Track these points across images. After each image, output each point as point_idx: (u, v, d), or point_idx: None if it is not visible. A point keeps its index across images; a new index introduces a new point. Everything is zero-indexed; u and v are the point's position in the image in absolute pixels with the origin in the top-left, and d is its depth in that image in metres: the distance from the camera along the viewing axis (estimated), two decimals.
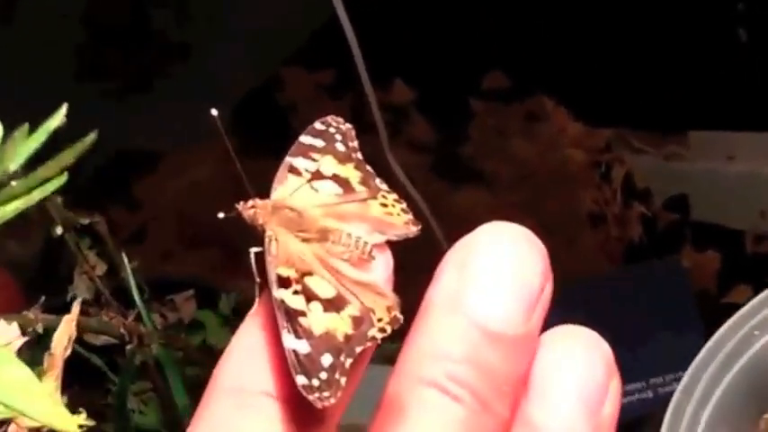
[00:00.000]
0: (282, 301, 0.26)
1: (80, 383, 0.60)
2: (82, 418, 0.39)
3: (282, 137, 0.32)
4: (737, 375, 0.50)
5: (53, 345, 0.41)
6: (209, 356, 0.69)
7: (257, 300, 0.28)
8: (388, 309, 0.27)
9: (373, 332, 0.26)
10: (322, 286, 0.27)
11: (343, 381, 0.25)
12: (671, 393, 0.70)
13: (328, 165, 0.31)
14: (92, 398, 0.61)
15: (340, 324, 0.26)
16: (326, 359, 0.26)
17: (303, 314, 0.26)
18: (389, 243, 0.29)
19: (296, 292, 0.27)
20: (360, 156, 0.31)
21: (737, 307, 0.91)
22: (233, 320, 0.76)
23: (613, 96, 0.97)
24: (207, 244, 0.91)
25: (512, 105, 1.00)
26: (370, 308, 0.27)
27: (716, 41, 0.94)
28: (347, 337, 0.26)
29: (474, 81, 0.99)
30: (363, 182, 0.30)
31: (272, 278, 0.27)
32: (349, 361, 0.26)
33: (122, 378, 0.62)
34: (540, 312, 0.26)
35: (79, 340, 0.56)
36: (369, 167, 0.31)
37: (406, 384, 0.25)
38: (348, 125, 0.32)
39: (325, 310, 0.27)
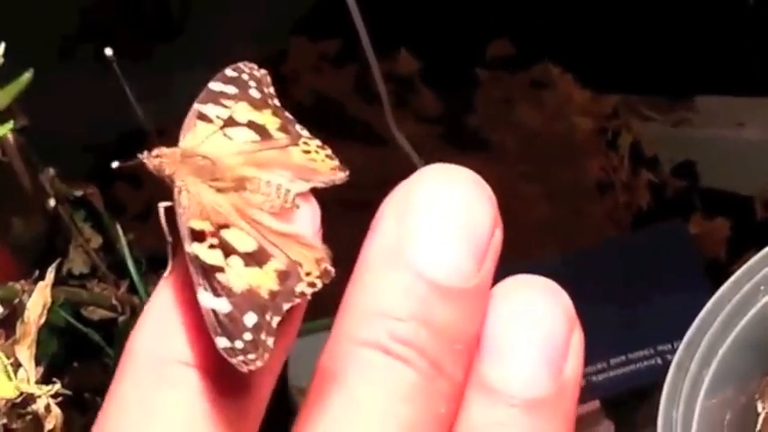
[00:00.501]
0: (196, 257, 0.24)
1: (79, 360, 0.60)
2: (56, 387, 0.39)
3: (285, 107, 0.30)
4: (741, 333, 0.49)
5: (26, 313, 0.40)
6: None
7: (170, 260, 0.25)
8: (317, 261, 0.25)
9: (302, 287, 0.24)
10: (241, 239, 0.25)
11: (270, 342, 0.23)
12: None
13: (242, 112, 0.28)
14: (91, 373, 0.61)
15: (264, 279, 0.24)
16: (250, 318, 0.23)
17: (221, 270, 0.24)
18: (315, 192, 0.27)
19: (212, 246, 0.24)
20: (277, 102, 0.29)
21: None
22: None
23: (620, 63, 0.96)
24: None
25: (517, 74, 0.99)
26: (297, 261, 0.24)
27: (724, 6, 0.93)
28: (273, 294, 0.24)
29: (479, 50, 0.98)
30: (282, 128, 0.28)
31: (184, 232, 0.25)
32: (276, 319, 0.23)
33: (116, 351, 0.61)
34: (492, 261, 0.23)
35: (77, 316, 0.56)
36: (288, 114, 0.29)
37: (342, 348, 0.22)
38: (263, 71, 0.30)
39: (247, 264, 0.24)
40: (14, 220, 0.69)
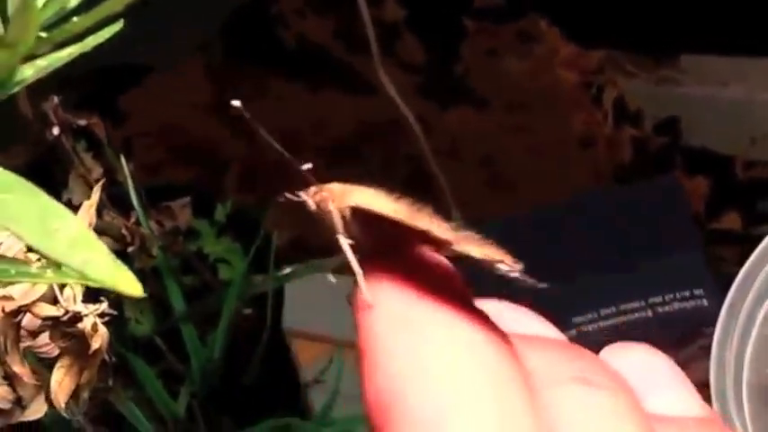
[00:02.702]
0: (467, 255, 0.23)
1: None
2: (103, 307, 0.38)
3: (272, 52, 0.30)
4: None
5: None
6: (205, 265, 0.69)
7: (361, 291, 0.24)
8: None
9: None
10: None
11: None
12: (670, 313, 0.70)
13: None
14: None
15: None
16: None
17: None
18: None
19: None
20: None
21: (726, 232, 0.92)
22: (228, 230, 0.75)
23: (607, 18, 0.96)
24: (193, 158, 0.90)
25: (504, 25, 0.98)
26: None
27: None
28: None
29: (467, 0, 0.98)
30: None
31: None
32: None
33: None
34: None
35: None
36: None
37: None
38: None
39: None
40: (12, 148, 0.69)
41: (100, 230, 0.57)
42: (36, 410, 0.37)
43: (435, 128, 0.84)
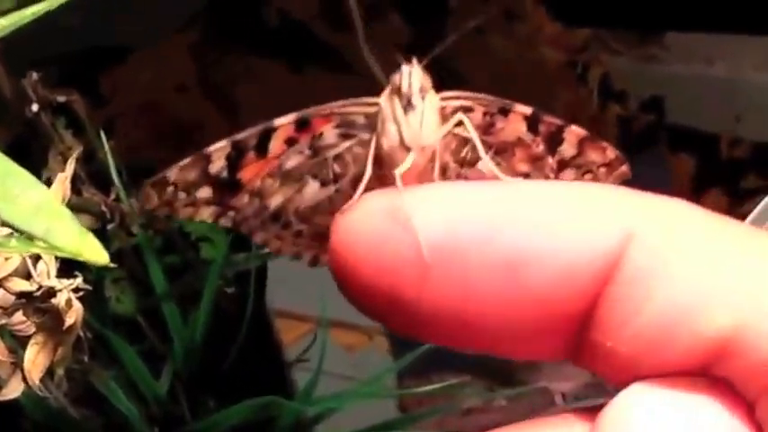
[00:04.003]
0: None
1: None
2: (77, 282, 0.38)
3: (255, 31, 0.30)
4: None
5: None
6: (187, 244, 0.69)
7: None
8: None
9: None
10: None
11: None
12: None
13: None
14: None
15: None
16: None
17: None
18: None
19: None
20: None
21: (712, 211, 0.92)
22: None
23: None
24: (176, 137, 0.90)
25: (490, 3, 0.98)
26: None
27: None
28: None
29: None
30: None
31: None
32: None
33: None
34: None
35: None
36: None
37: None
38: None
39: None
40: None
41: (78, 207, 0.57)
42: (12, 389, 0.37)
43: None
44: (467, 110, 0.26)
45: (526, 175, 0.28)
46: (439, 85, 0.26)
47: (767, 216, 0.51)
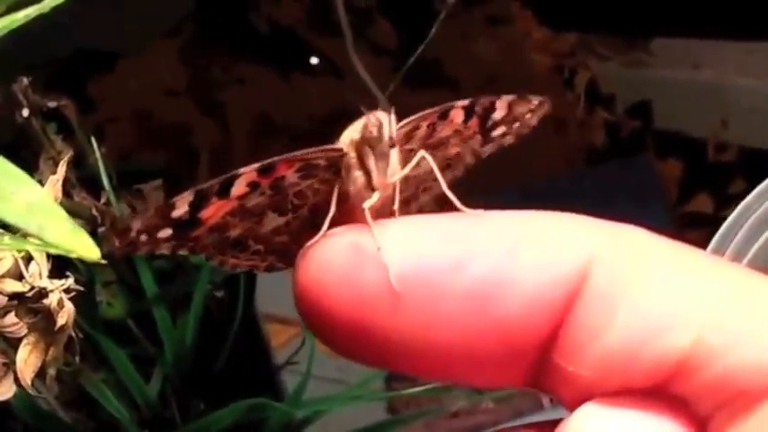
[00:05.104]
0: None
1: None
2: (69, 282, 0.38)
3: (244, 36, 0.30)
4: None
5: None
6: None
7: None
8: None
9: None
10: None
11: None
12: None
13: None
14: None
15: None
16: None
17: None
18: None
19: None
20: None
21: (698, 215, 0.92)
22: None
23: (579, 1, 0.96)
24: (165, 142, 0.90)
25: (476, 8, 0.98)
26: None
27: None
28: None
29: None
30: None
31: None
32: None
33: (90, 267, 0.61)
34: None
35: None
36: None
37: None
38: None
39: None
40: None
41: (69, 211, 0.57)
42: (4, 391, 0.37)
43: (408, 111, 0.84)
44: (414, 129, 0.27)
45: (457, 155, 0.28)
46: (426, 90, 0.27)
47: (744, 218, 0.52)
